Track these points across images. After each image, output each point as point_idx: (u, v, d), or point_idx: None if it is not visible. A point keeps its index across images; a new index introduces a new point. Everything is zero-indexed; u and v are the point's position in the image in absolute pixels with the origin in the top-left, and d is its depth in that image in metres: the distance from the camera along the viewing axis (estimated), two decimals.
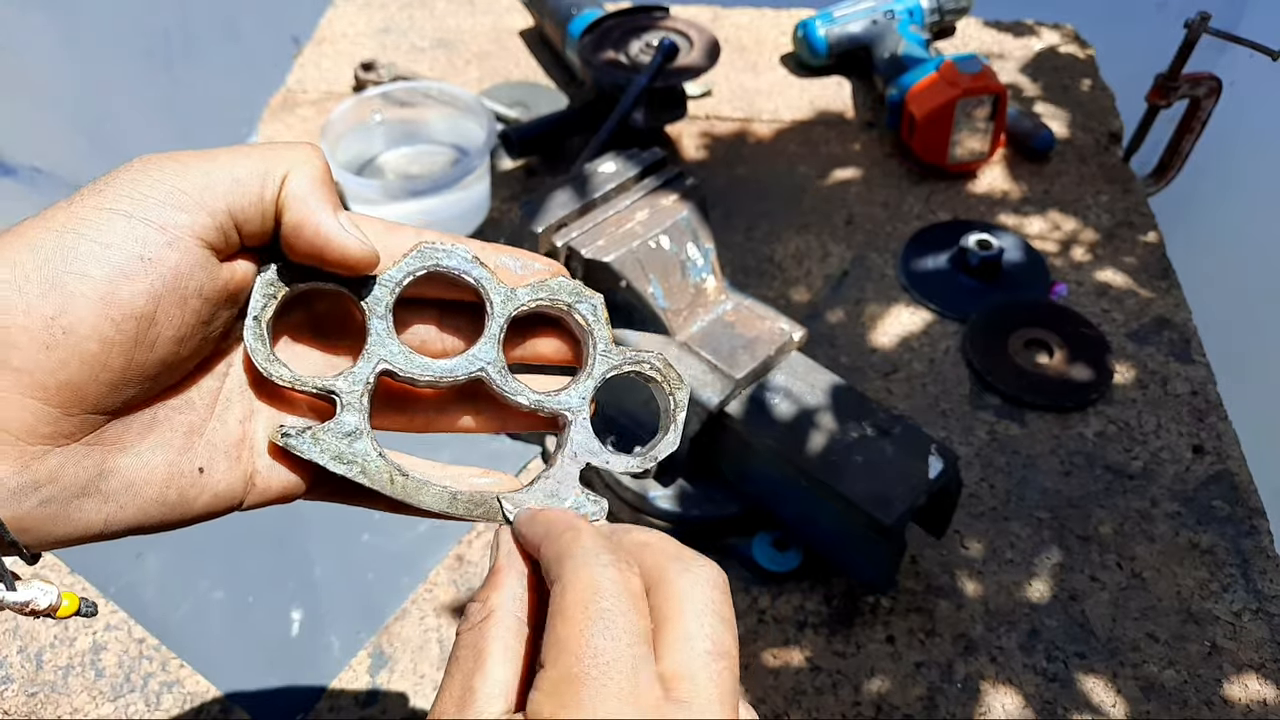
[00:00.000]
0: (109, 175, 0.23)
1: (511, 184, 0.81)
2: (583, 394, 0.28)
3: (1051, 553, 0.56)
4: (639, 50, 0.78)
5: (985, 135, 0.78)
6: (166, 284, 0.22)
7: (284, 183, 0.24)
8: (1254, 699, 0.50)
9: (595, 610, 0.21)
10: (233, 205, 0.23)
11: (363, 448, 0.26)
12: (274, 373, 0.25)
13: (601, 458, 0.28)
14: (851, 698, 0.50)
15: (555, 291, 0.27)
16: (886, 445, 0.50)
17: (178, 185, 0.22)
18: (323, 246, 0.24)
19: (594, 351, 0.28)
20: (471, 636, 0.23)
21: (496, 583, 0.24)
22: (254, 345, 0.25)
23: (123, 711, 0.49)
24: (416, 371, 0.26)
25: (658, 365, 0.28)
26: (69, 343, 0.21)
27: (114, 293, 0.21)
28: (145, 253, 0.21)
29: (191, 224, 0.22)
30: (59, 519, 0.22)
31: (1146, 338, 0.68)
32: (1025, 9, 0.99)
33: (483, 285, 0.27)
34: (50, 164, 1.54)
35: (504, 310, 0.27)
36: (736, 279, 0.73)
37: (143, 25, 1.37)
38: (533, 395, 0.27)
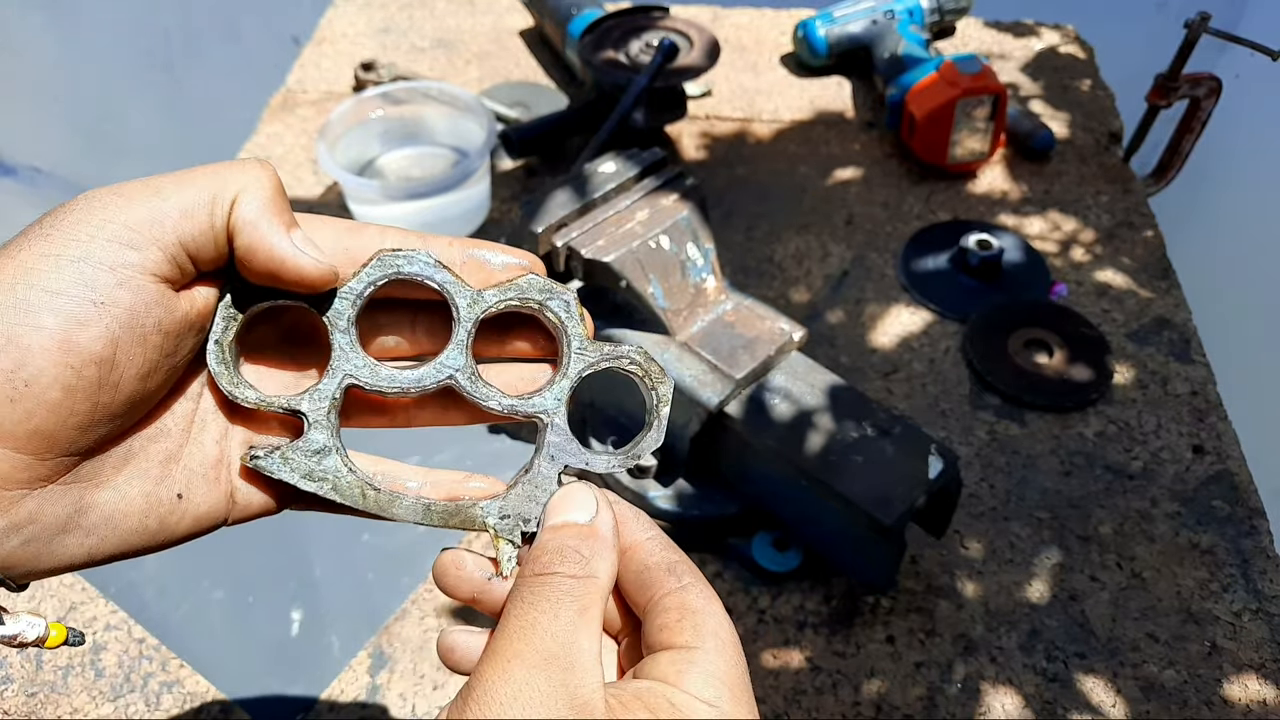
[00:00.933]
0: (54, 215, 0.22)
1: (512, 184, 0.81)
2: (558, 395, 0.27)
3: (1051, 553, 0.56)
4: (639, 50, 0.78)
5: (985, 135, 0.78)
6: (123, 325, 0.22)
7: (234, 206, 0.23)
8: (1254, 699, 0.50)
9: (744, 668, 0.24)
10: (183, 236, 0.22)
11: (332, 464, 0.26)
12: (239, 395, 0.25)
13: (580, 459, 0.27)
14: (851, 698, 0.50)
15: (525, 290, 0.27)
16: (886, 445, 0.50)
17: (125, 222, 0.22)
18: (278, 269, 0.23)
19: (569, 350, 0.27)
20: (573, 587, 0.23)
21: (605, 552, 0.24)
22: (217, 370, 0.25)
23: (122, 711, 0.49)
24: (383, 384, 0.26)
25: (637, 360, 0.27)
26: (32, 394, 0.21)
27: (70, 340, 0.21)
28: (97, 297, 0.21)
29: (142, 261, 0.22)
30: (41, 556, 0.22)
31: (1146, 338, 0.68)
32: (1025, 9, 0.99)
33: (446, 290, 0.26)
34: (50, 164, 1.54)
35: (470, 314, 0.26)
36: (736, 279, 0.73)
37: (143, 25, 1.37)
38: (505, 400, 0.27)
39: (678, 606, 0.24)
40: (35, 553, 0.22)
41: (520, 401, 0.27)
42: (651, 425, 0.28)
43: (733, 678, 0.23)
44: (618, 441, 0.57)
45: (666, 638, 0.24)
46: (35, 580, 0.23)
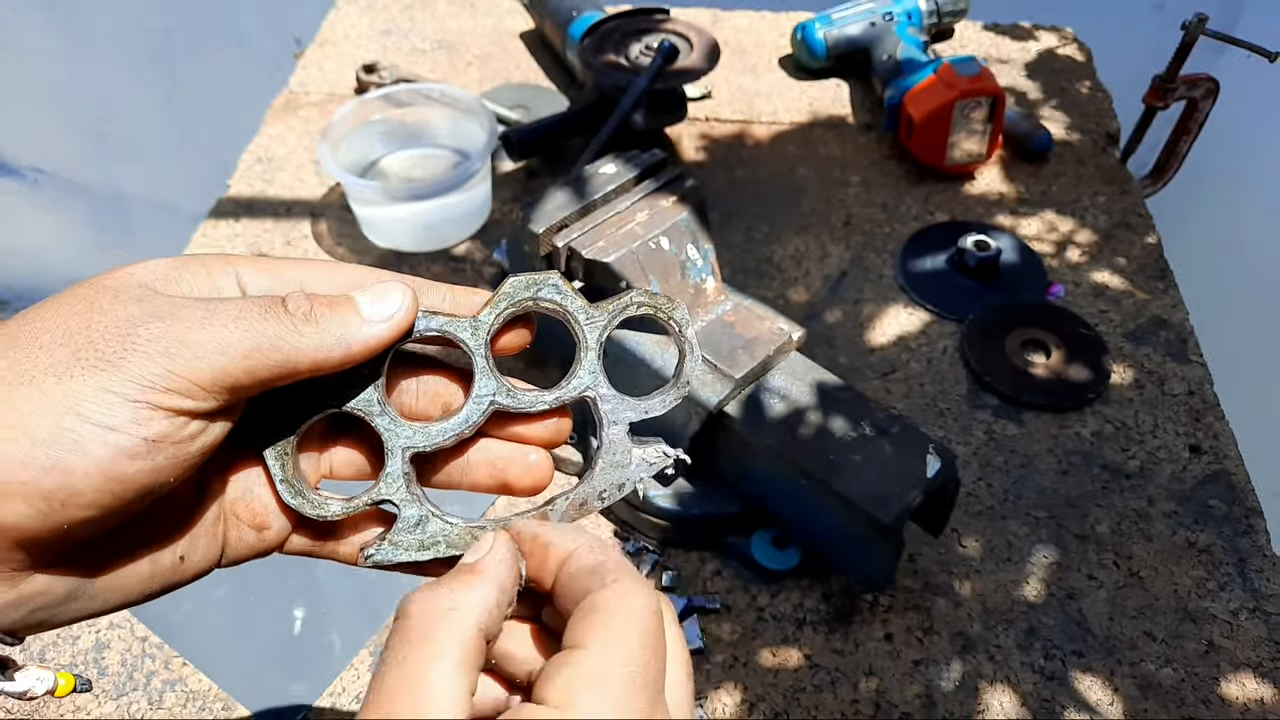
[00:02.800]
0: (99, 331, 0.22)
1: (512, 185, 0.81)
2: (590, 369, 0.28)
3: (1049, 551, 0.56)
4: (639, 52, 0.79)
5: (983, 137, 0.79)
6: (168, 457, 0.22)
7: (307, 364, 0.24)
8: (1251, 697, 0.50)
9: (652, 629, 0.22)
10: (237, 386, 0.23)
11: (435, 527, 0.27)
12: (327, 514, 0.27)
13: (640, 409, 0.28)
14: (850, 695, 0.50)
15: (513, 295, 0.27)
16: (885, 445, 0.50)
17: (186, 374, 0.22)
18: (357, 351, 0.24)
19: (578, 325, 0.28)
20: (427, 625, 0.22)
21: (472, 582, 0.23)
22: (296, 503, 0.27)
23: (125, 710, 0.49)
24: (439, 439, 0.27)
25: (643, 300, 0.28)
26: (65, 513, 0.21)
27: (116, 469, 0.21)
28: (150, 434, 0.22)
29: (196, 407, 0.22)
30: (50, 620, 0.23)
31: (1143, 338, 0.69)
32: (1023, 11, 1.00)
33: (447, 333, 0.27)
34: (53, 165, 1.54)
35: (479, 343, 0.27)
36: (736, 279, 0.73)
37: (145, 27, 1.38)
38: (550, 395, 0.28)
39: (587, 608, 0.23)
40: (44, 620, 0.23)
41: (562, 391, 0.28)
42: (684, 352, 0.28)
43: (611, 677, 0.21)
44: None
45: (565, 639, 0.23)
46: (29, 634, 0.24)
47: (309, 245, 0.76)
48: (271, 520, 0.27)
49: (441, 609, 0.22)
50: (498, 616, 0.23)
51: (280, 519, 0.28)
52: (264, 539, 0.27)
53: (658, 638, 0.23)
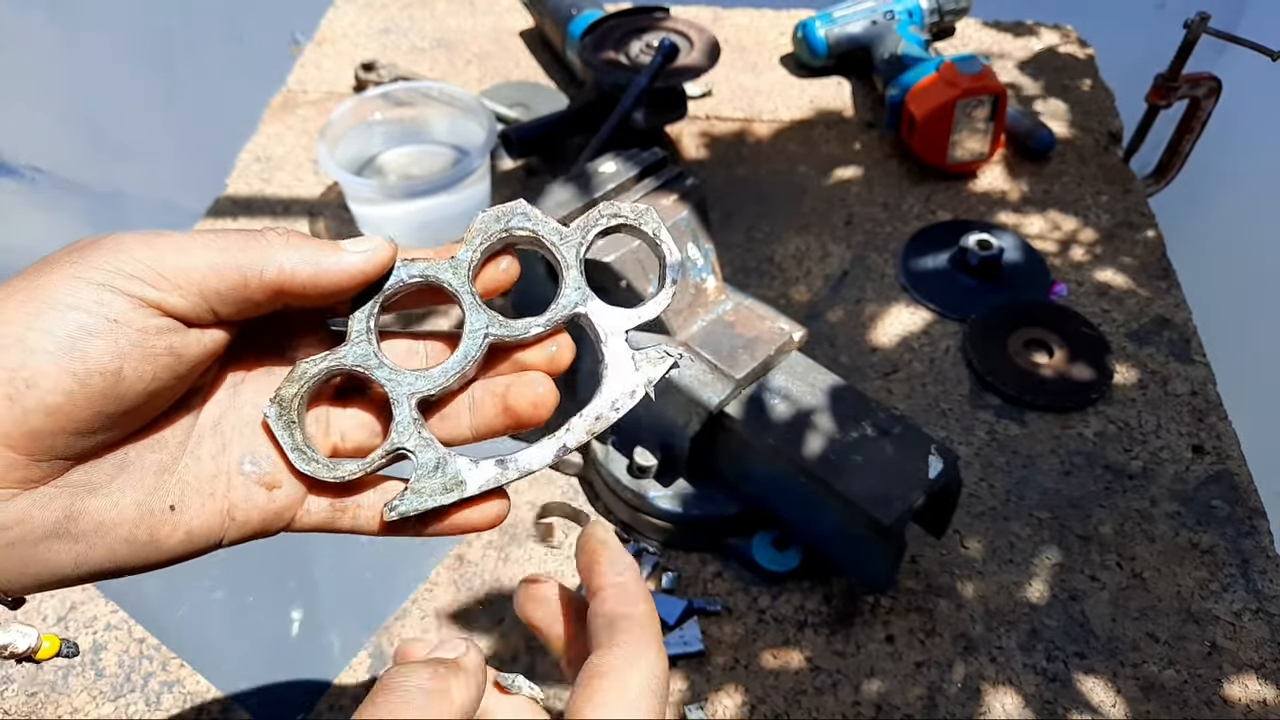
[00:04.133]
0: (82, 245, 0.23)
1: (512, 184, 0.81)
2: (575, 284, 0.28)
3: (1051, 552, 0.56)
4: (639, 50, 0.78)
5: (985, 135, 0.78)
6: (133, 343, 0.22)
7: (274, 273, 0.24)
8: (1254, 699, 0.50)
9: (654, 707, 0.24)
10: (206, 289, 0.23)
11: (456, 466, 0.27)
12: (342, 474, 0.26)
13: (632, 317, 0.28)
14: (851, 698, 0.50)
15: (485, 230, 0.27)
16: (886, 445, 0.50)
17: (151, 265, 0.23)
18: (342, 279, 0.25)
19: (555, 247, 0.27)
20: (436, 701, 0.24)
21: (464, 684, 0.25)
22: (311, 469, 0.26)
23: (123, 711, 0.49)
24: (443, 381, 0.27)
25: (612, 212, 0.28)
26: (32, 395, 0.21)
27: (77, 348, 0.21)
28: (111, 314, 0.22)
29: (160, 299, 0.23)
30: (29, 560, 0.22)
31: (1146, 338, 0.68)
32: (1025, 9, 1.00)
33: (429, 276, 0.27)
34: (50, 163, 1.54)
35: (462, 280, 0.27)
36: (736, 279, 0.73)
37: (144, 25, 1.37)
38: (542, 319, 0.28)
39: (591, 668, 0.25)
40: (21, 556, 0.22)
41: (553, 313, 0.28)
42: (663, 256, 0.28)
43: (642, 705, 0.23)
44: (618, 442, 0.57)
45: (569, 703, 0.24)
46: (22, 595, 0.23)
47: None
48: (282, 479, 0.27)
49: (438, 689, 0.24)
50: (479, 702, 0.26)
51: (293, 479, 0.27)
52: (274, 500, 0.26)
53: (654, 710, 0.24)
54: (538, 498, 0.59)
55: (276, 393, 0.26)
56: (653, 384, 0.28)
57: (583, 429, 0.27)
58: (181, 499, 0.25)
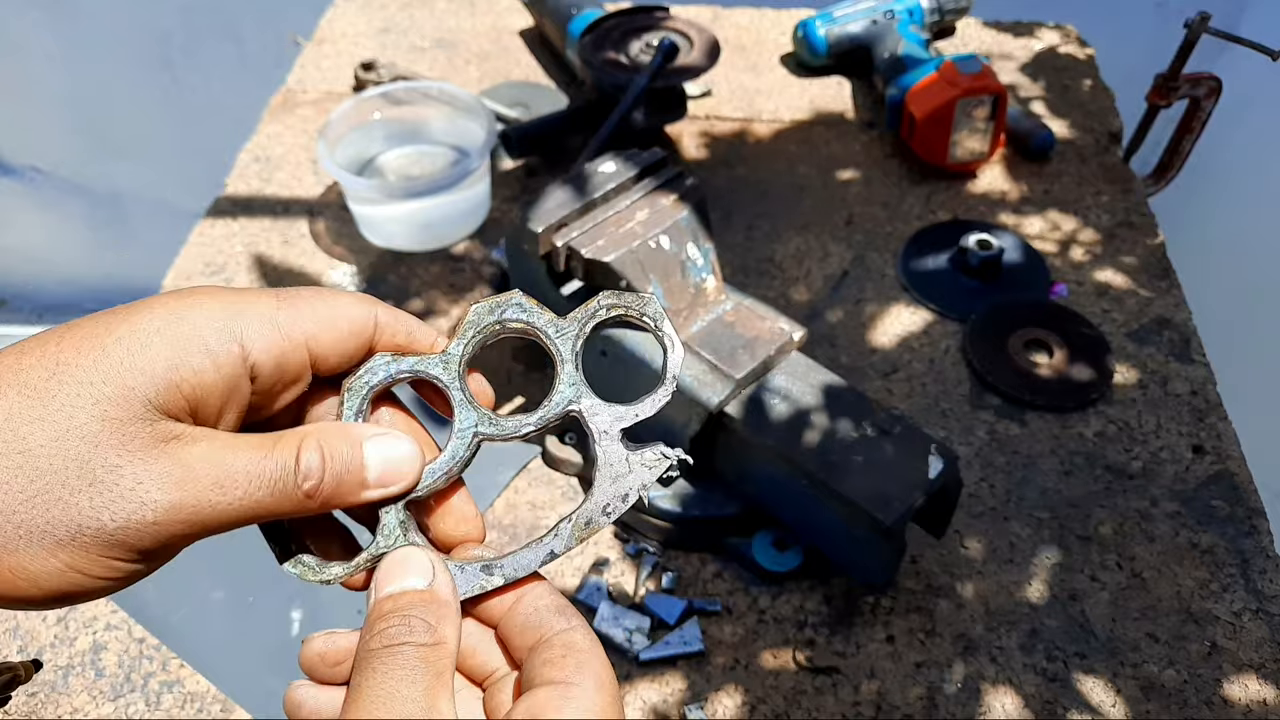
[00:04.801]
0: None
1: (512, 184, 0.81)
2: (570, 380, 0.27)
3: (1051, 553, 0.56)
4: (639, 50, 0.78)
5: (985, 135, 0.78)
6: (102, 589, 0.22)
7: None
8: (1254, 699, 0.50)
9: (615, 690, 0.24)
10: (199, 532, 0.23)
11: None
12: (330, 575, 0.26)
13: (630, 413, 0.27)
14: (851, 697, 0.50)
15: (478, 323, 0.27)
16: (886, 445, 0.50)
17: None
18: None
19: (551, 339, 0.27)
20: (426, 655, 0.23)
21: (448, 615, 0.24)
22: (298, 570, 0.27)
23: (123, 711, 0.49)
24: (429, 482, 0.26)
25: (612, 302, 0.27)
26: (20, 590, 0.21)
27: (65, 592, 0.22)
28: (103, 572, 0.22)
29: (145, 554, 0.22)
30: None
31: (1146, 338, 0.68)
32: (1025, 9, 0.99)
33: (419, 372, 0.27)
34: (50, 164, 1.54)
35: (452, 376, 0.27)
36: (736, 279, 0.73)
37: (143, 26, 1.37)
38: (533, 417, 0.27)
39: (563, 644, 0.24)
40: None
41: (545, 411, 0.27)
42: (665, 348, 0.27)
43: (608, 716, 0.23)
44: None
45: (548, 673, 0.24)
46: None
47: (306, 245, 0.76)
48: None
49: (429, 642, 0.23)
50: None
51: None
52: None
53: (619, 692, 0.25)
54: (537, 497, 0.59)
55: None
56: (648, 488, 0.27)
57: (572, 536, 0.27)
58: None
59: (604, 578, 0.55)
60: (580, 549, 0.57)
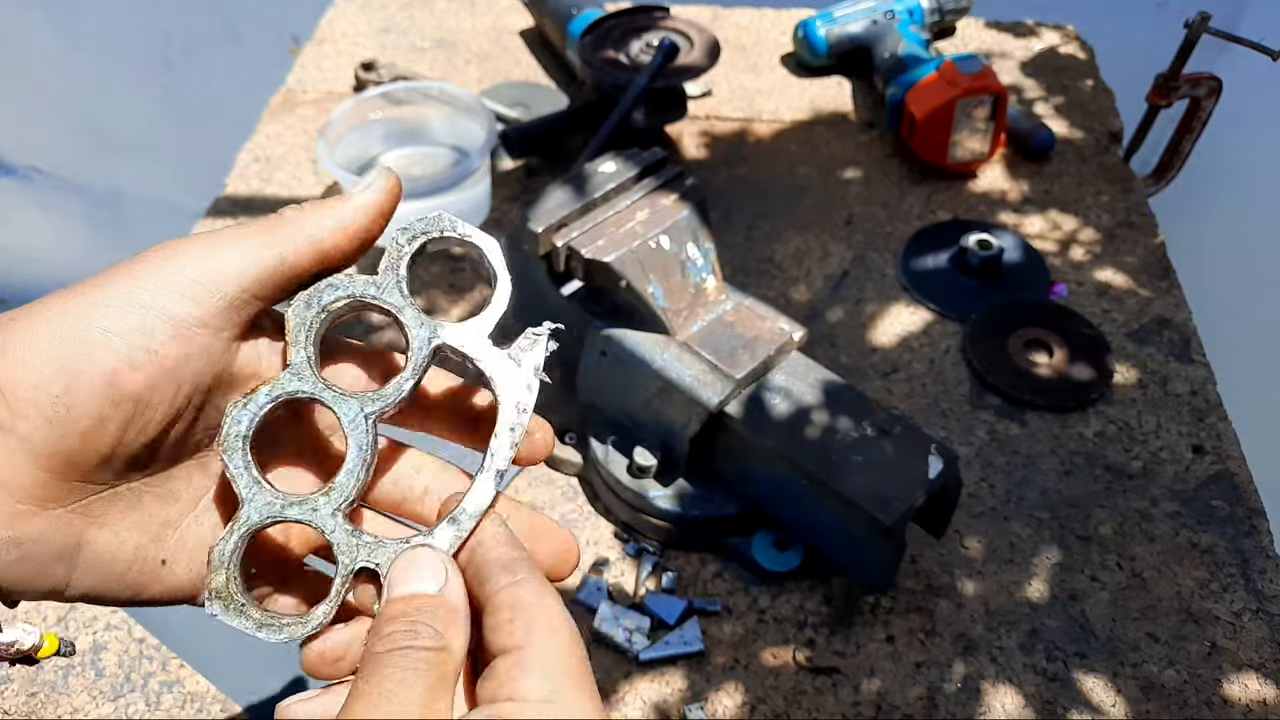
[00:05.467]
0: (132, 261, 0.24)
1: (512, 184, 0.81)
2: (419, 322, 0.27)
3: (1051, 552, 0.56)
4: (639, 50, 0.78)
5: (985, 135, 0.78)
6: (164, 372, 0.23)
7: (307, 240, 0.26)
8: (1254, 699, 0.50)
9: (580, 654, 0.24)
10: (245, 279, 0.24)
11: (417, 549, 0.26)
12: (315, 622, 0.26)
13: (486, 319, 0.27)
14: (851, 697, 0.50)
15: (305, 322, 0.26)
16: (886, 445, 0.50)
17: (193, 276, 0.24)
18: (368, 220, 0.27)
19: (378, 298, 0.27)
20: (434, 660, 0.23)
21: (458, 622, 0.24)
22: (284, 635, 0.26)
23: (123, 711, 0.49)
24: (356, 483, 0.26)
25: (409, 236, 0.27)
26: (69, 418, 0.22)
27: (117, 379, 0.23)
28: (151, 344, 0.23)
29: (200, 316, 0.24)
30: (30, 578, 0.23)
31: (1146, 338, 0.68)
32: (1025, 9, 0.99)
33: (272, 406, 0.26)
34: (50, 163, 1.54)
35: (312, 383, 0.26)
36: (736, 279, 0.73)
37: (143, 26, 1.37)
38: (406, 373, 0.27)
39: (509, 604, 0.24)
40: (24, 573, 0.23)
41: (414, 359, 0.27)
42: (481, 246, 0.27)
43: (567, 666, 0.23)
44: (618, 442, 0.57)
45: (499, 639, 0.24)
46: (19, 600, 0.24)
47: None
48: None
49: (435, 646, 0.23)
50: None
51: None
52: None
53: (576, 630, 0.24)
54: (537, 497, 0.59)
55: (207, 582, 0.25)
56: (540, 370, 0.27)
57: (506, 446, 0.27)
58: (174, 557, 0.26)
59: (604, 578, 0.55)
60: (580, 549, 0.57)
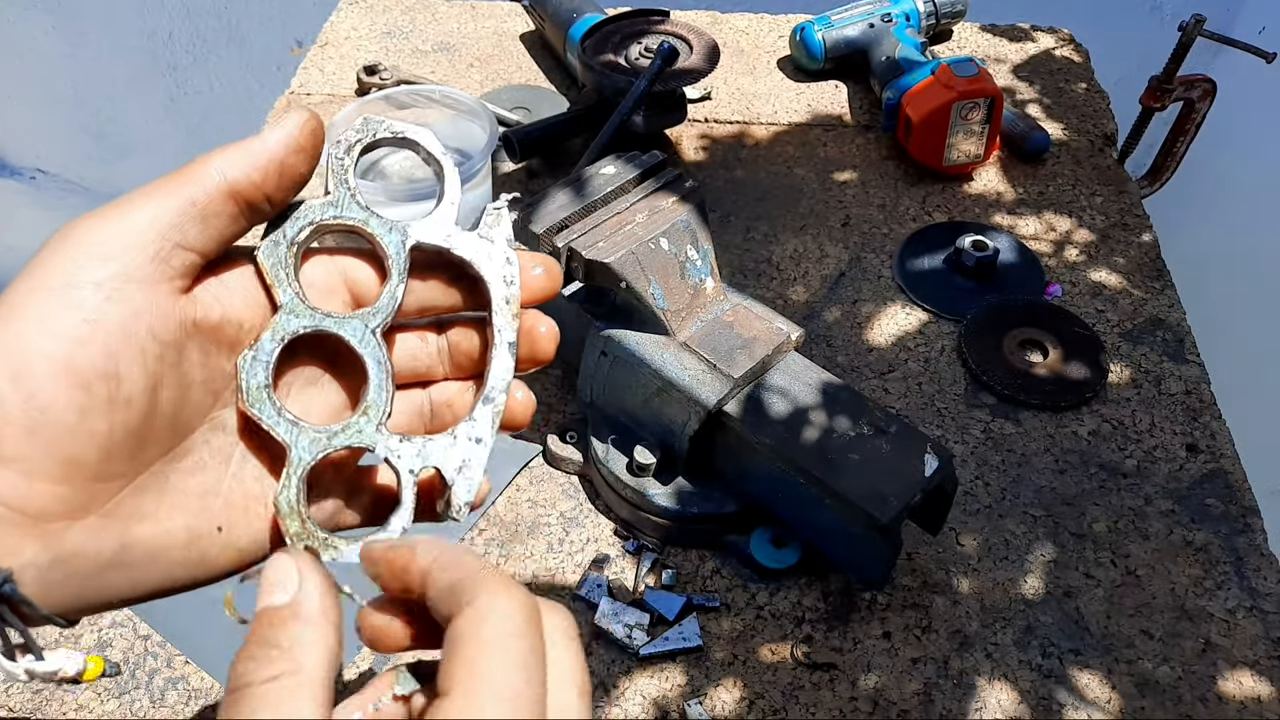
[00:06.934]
0: (39, 253, 0.23)
1: (513, 186, 0.81)
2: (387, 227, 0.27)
3: (1046, 550, 0.57)
4: (639, 54, 0.79)
5: (980, 138, 0.79)
6: (118, 338, 0.22)
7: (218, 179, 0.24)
8: (1248, 695, 0.50)
9: (517, 648, 0.21)
10: (163, 228, 0.23)
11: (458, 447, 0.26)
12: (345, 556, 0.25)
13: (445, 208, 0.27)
14: (848, 693, 0.51)
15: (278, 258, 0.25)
16: (883, 444, 0.51)
17: (98, 239, 0.22)
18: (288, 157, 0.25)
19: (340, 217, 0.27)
20: (272, 692, 0.20)
21: (306, 636, 0.21)
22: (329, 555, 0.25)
23: (127, 709, 0.50)
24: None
25: (348, 146, 0.26)
26: (48, 420, 0.21)
27: (72, 360, 0.21)
28: (87, 315, 0.21)
29: (124, 269, 0.22)
30: (87, 591, 0.22)
31: (1140, 337, 0.69)
32: (1021, 13, 1.00)
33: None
34: (53, 165, 1.55)
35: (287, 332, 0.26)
36: (735, 280, 0.73)
37: (147, 28, 1.38)
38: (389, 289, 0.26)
39: (449, 641, 0.21)
40: (79, 588, 0.22)
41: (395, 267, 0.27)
42: (419, 143, 0.27)
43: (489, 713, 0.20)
44: (617, 440, 0.57)
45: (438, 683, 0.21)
46: (78, 618, 0.23)
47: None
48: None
49: (281, 674, 0.21)
50: (338, 653, 0.22)
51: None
52: (323, 509, 0.26)
53: (527, 660, 0.21)
54: (538, 495, 0.60)
55: (286, 530, 0.25)
56: (513, 240, 0.27)
57: (508, 317, 0.27)
58: (228, 520, 0.25)
59: (604, 574, 0.56)
60: (580, 547, 0.57)
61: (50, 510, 0.21)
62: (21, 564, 0.21)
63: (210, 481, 0.25)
